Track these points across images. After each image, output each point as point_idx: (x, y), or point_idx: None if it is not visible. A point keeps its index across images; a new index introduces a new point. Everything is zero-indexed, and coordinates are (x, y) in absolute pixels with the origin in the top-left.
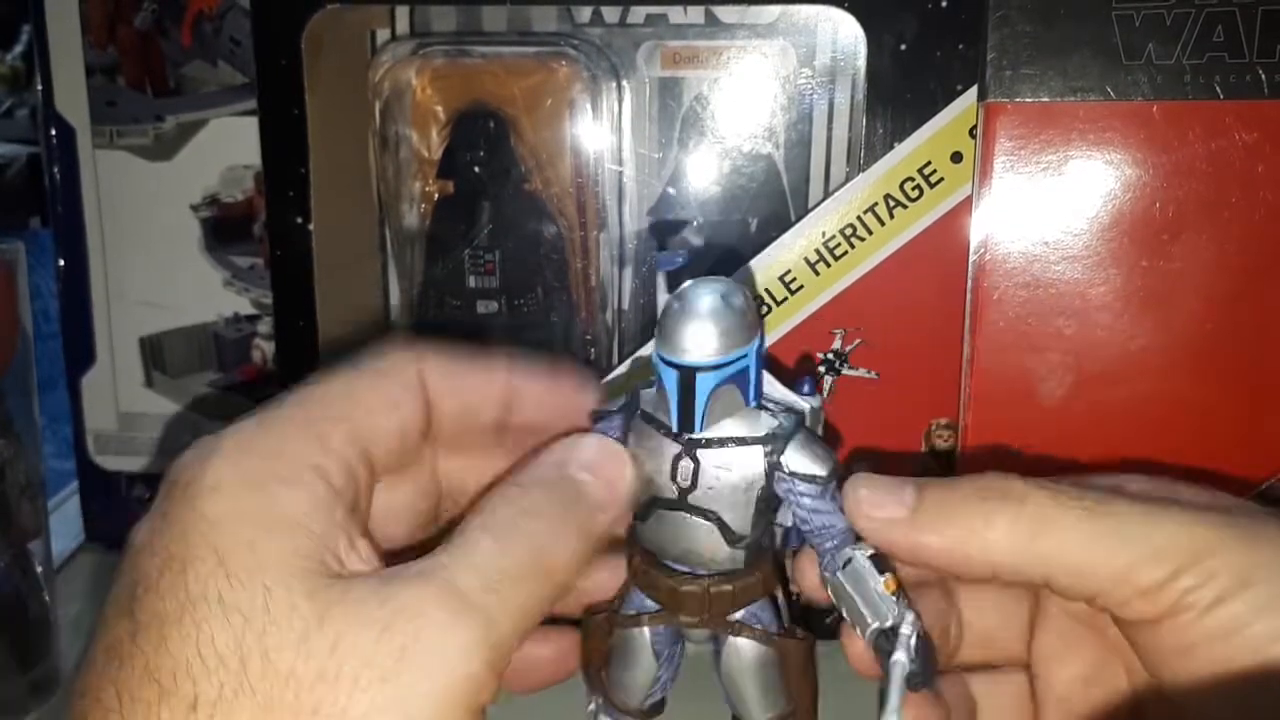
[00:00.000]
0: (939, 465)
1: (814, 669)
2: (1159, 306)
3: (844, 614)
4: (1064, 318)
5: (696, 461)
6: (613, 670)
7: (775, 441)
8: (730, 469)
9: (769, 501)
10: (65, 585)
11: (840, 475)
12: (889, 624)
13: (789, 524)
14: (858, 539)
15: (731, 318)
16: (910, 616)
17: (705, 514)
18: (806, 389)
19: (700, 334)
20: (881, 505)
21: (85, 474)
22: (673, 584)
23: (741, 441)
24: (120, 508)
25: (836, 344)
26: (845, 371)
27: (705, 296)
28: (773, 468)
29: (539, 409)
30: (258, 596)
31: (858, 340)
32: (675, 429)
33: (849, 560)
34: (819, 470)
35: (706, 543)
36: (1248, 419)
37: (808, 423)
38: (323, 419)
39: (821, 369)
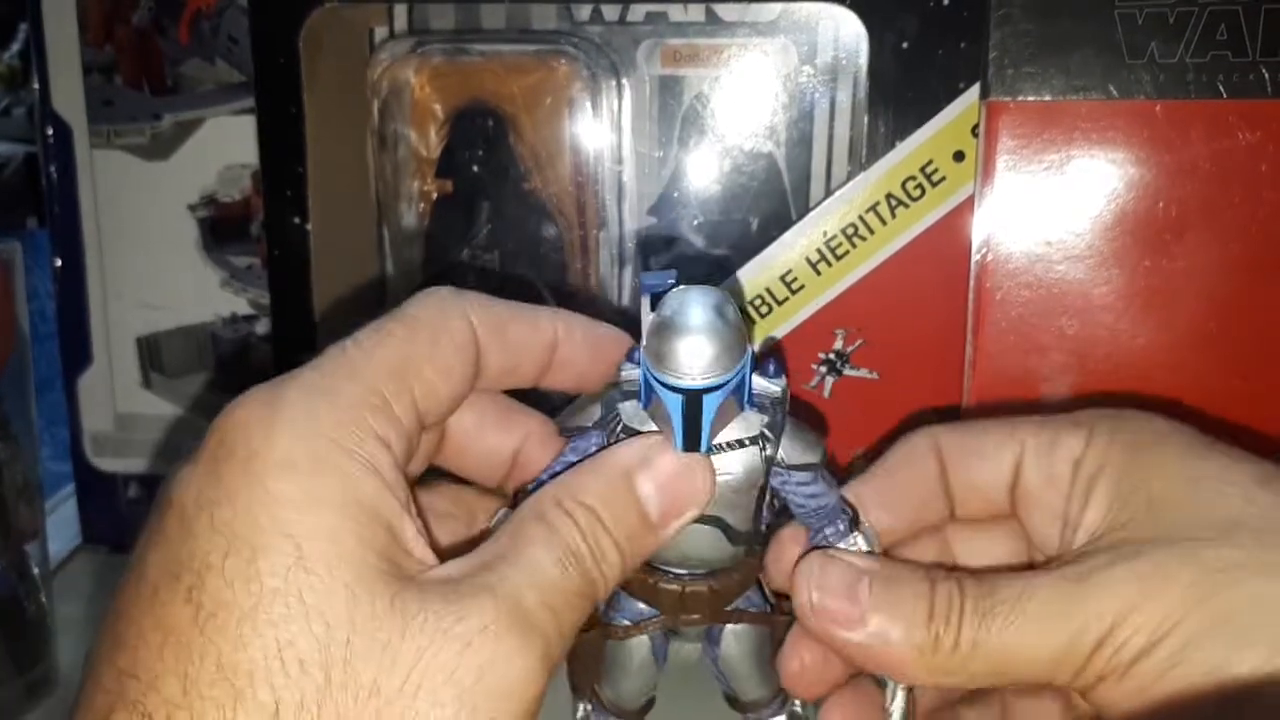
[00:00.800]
0: None
1: None
2: (1162, 306)
3: None
4: (1066, 317)
5: None
6: (608, 680)
7: (769, 438)
8: (730, 473)
9: (765, 495)
10: (62, 587)
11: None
12: None
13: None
14: (853, 523)
15: (728, 332)
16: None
17: (708, 519)
18: (772, 370)
19: (702, 353)
20: (834, 598)
21: (82, 475)
22: (676, 588)
23: (740, 444)
24: (117, 509)
25: (838, 344)
26: (846, 371)
27: (700, 313)
28: (769, 463)
29: (580, 364)
30: (340, 599)
31: (859, 340)
32: (681, 449)
33: None
34: (812, 458)
35: (711, 545)
36: (1250, 418)
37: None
38: (384, 384)
39: (821, 368)
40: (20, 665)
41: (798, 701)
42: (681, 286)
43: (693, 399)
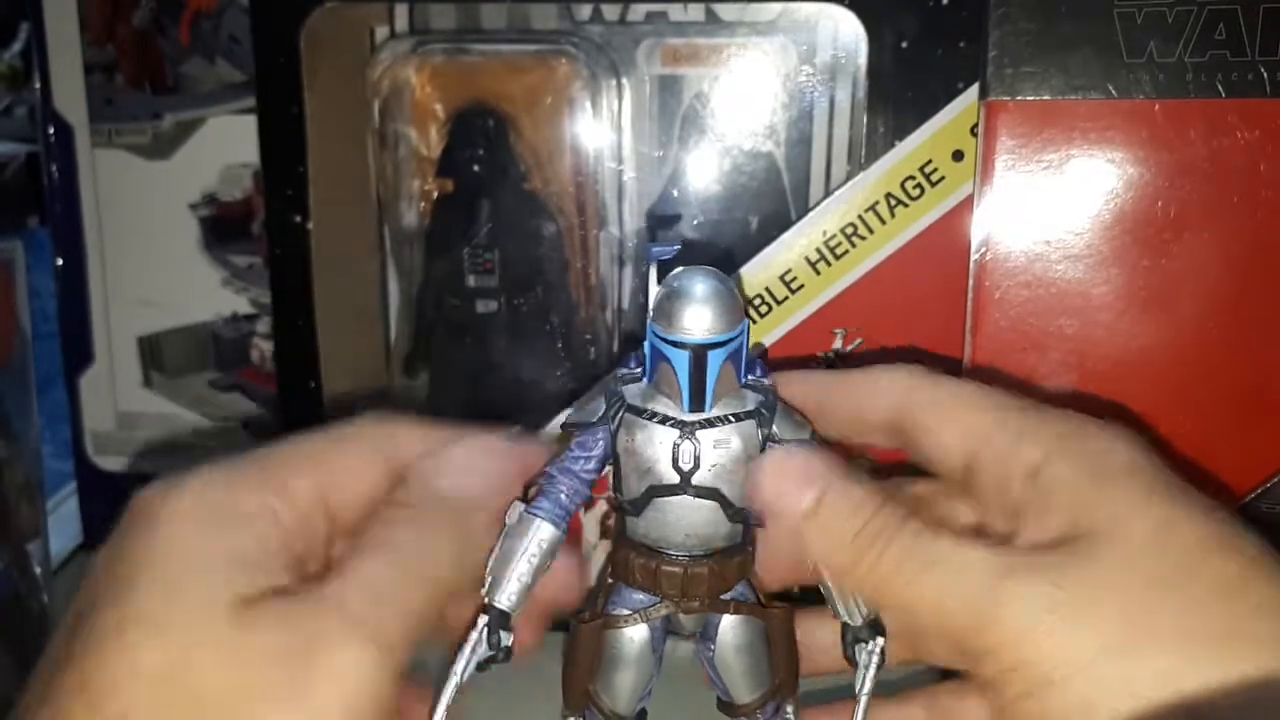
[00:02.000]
0: None
1: (795, 637)
2: (1160, 305)
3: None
4: (1065, 317)
5: (697, 442)
6: (605, 679)
7: (765, 414)
8: (730, 445)
9: None
10: (64, 586)
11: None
12: (858, 623)
13: None
14: None
15: (729, 297)
16: (880, 640)
17: (707, 493)
18: (759, 372)
19: (706, 314)
20: (784, 494)
21: (83, 474)
22: (678, 570)
23: (737, 417)
24: (119, 508)
25: (837, 343)
26: None
27: (703, 281)
28: (766, 437)
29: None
30: (187, 619)
31: (858, 340)
32: (687, 408)
33: None
34: (803, 434)
35: (709, 521)
36: (1249, 417)
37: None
38: (288, 470)
39: (821, 368)
40: (21, 664)
41: (790, 708)
42: (688, 266)
43: (699, 355)
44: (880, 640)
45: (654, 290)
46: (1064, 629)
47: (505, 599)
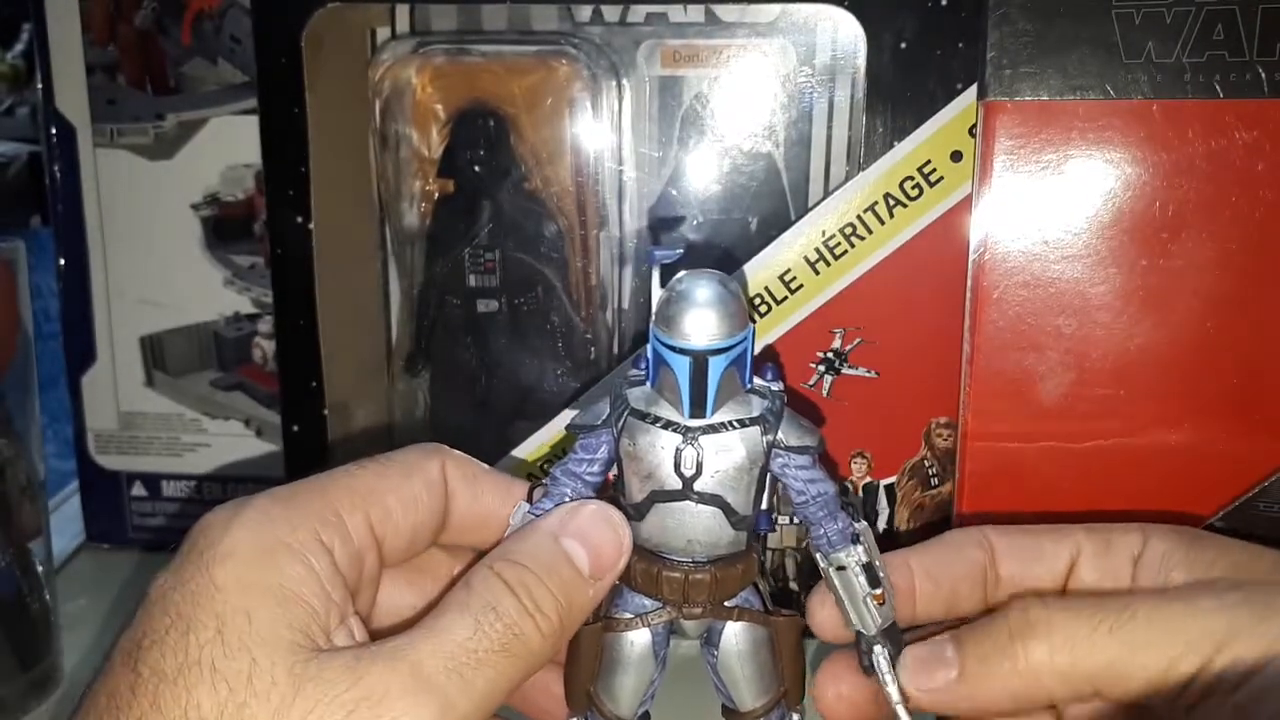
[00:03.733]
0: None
1: (802, 647)
2: (1158, 305)
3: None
4: (1064, 316)
5: (700, 448)
6: (606, 681)
7: (770, 420)
8: (732, 451)
9: (765, 479)
10: (66, 584)
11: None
12: (871, 633)
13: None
14: (850, 516)
15: (732, 303)
16: (886, 649)
17: (710, 499)
18: (770, 375)
19: (708, 320)
20: (931, 675)
21: (86, 473)
22: (679, 576)
23: (741, 423)
24: (121, 507)
25: (836, 343)
26: (845, 370)
27: (706, 286)
28: (771, 445)
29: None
30: (244, 667)
31: (858, 339)
32: (688, 414)
33: (842, 567)
34: (810, 441)
35: (710, 528)
36: (1247, 417)
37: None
38: (342, 502)
39: (820, 367)
40: (24, 662)
41: (795, 716)
42: (691, 270)
43: (700, 361)
44: (891, 648)
45: (656, 293)
46: (1259, 625)
47: None
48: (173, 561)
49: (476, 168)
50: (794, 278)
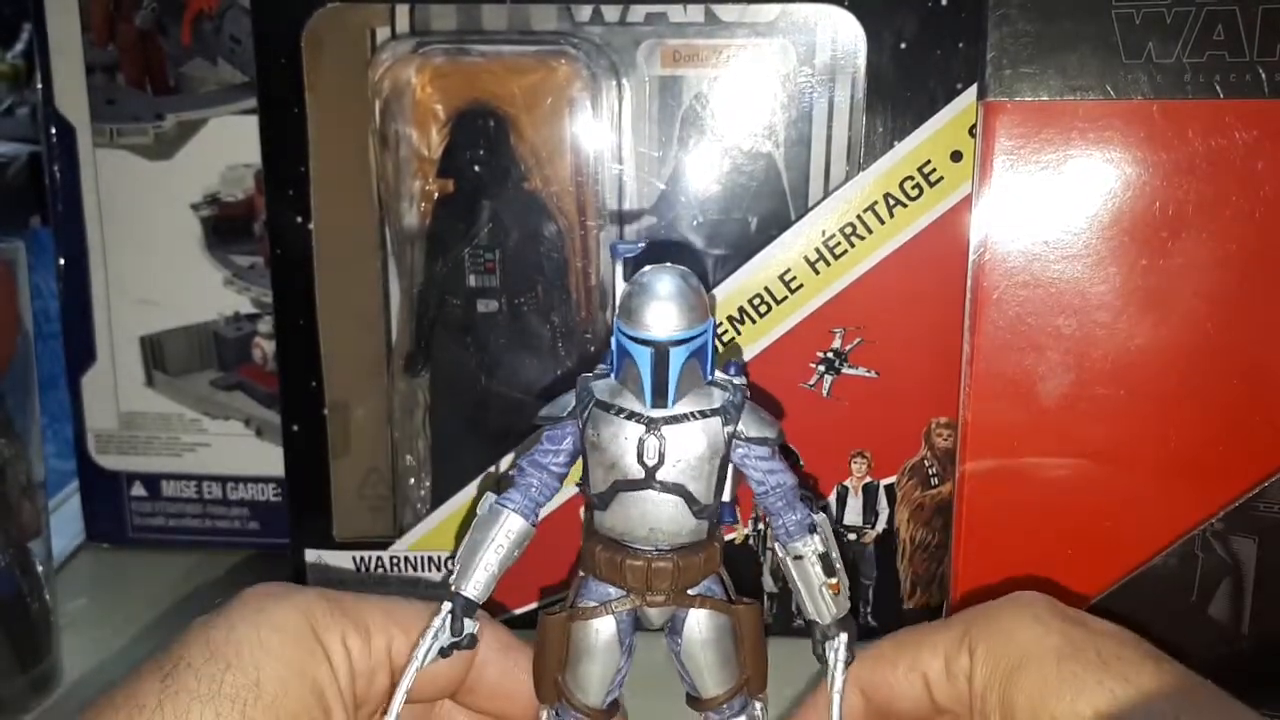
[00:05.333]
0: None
1: (764, 634)
2: (1158, 305)
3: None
4: (1063, 316)
5: (662, 438)
6: (573, 670)
7: (731, 411)
8: (694, 441)
9: (726, 469)
10: (66, 584)
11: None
12: (826, 622)
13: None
14: (809, 508)
15: (693, 296)
16: (845, 636)
17: (673, 488)
18: (733, 370)
19: (669, 312)
20: None
21: (86, 473)
22: (641, 564)
23: (702, 414)
24: (120, 507)
25: (836, 343)
26: (845, 370)
27: (668, 279)
28: (731, 436)
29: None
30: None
31: (857, 339)
32: (649, 404)
33: (799, 556)
34: (769, 433)
35: (673, 517)
36: (1246, 416)
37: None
38: (375, 619)
39: (820, 367)
40: (24, 662)
41: (758, 704)
42: (654, 265)
43: (661, 352)
44: (844, 637)
45: (619, 287)
46: None
47: (471, 587)
48: (223, 610)
49: (476, 167)
50: (794, 277)
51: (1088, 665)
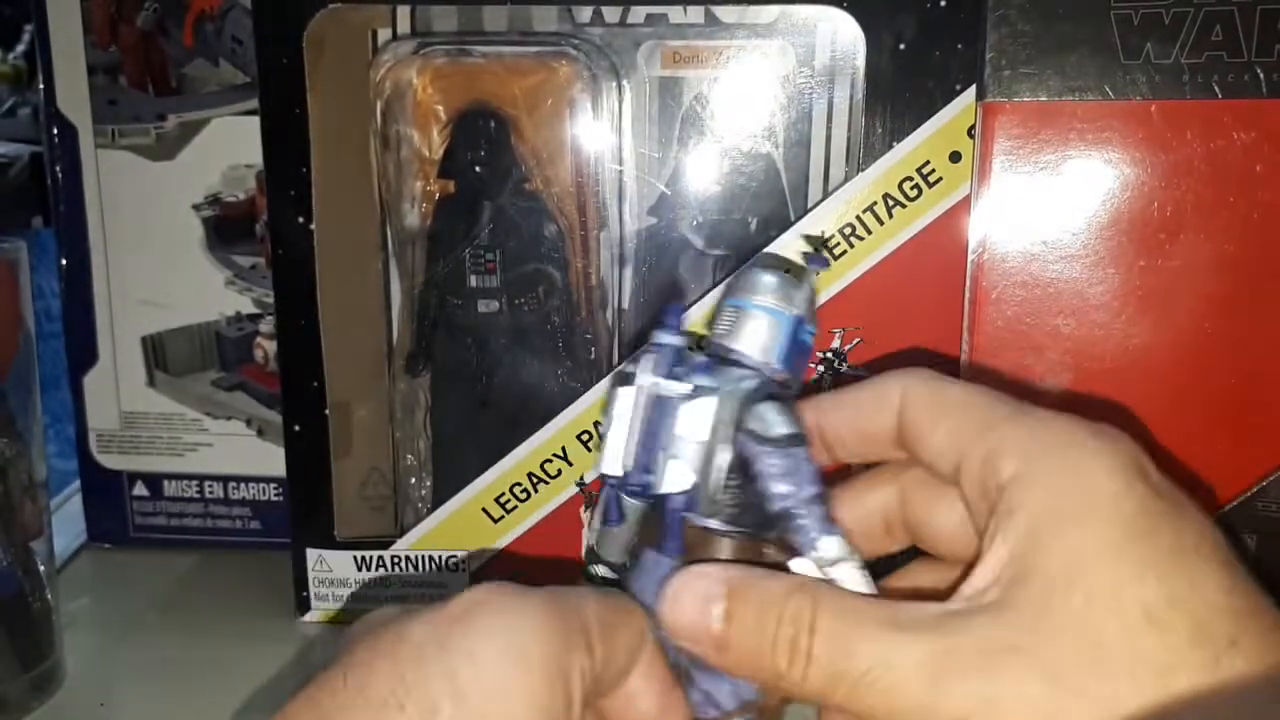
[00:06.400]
0: None
1: None
2: (1157, 305)
3: None
4: (1062, 317)
5: None
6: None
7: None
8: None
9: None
10: (67, 584)
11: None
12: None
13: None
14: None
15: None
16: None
17: None
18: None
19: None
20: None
21: (87, 473)
22: None
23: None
24: (122, 507)
25: (835, 343)
26: (844, 370)
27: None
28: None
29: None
30: None
31: (857, 339)
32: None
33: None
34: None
35: None
36: (1245, 417)
37: None
38: (593, 630)
39: (820, 367)
40: (25, 662)
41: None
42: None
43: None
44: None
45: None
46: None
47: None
48: (445, 607)
49: (477, 168)
50: None
51: (1159, 551)
